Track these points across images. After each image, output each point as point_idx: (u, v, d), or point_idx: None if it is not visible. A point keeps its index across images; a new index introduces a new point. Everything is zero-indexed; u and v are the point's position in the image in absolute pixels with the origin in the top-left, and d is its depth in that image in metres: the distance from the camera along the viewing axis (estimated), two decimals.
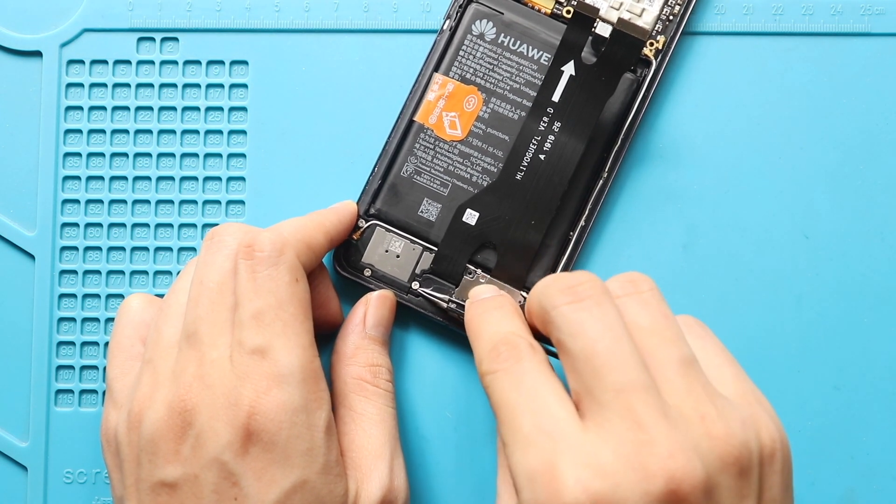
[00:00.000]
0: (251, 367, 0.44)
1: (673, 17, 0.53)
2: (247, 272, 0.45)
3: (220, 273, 0.46)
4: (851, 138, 0.54)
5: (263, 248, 0.46)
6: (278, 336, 0.44)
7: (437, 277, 0.52)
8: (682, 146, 0.54)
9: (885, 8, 0.54)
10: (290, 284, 0.45)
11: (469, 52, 0.53)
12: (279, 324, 0.45)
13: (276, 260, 0.46)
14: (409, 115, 0.53)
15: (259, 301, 0.45)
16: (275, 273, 0.45)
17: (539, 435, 0.39)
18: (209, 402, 0.44)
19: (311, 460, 0.44)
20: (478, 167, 0.52)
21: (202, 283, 0.46)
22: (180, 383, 0.44)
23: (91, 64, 0.55)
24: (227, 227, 0.47)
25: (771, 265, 0.53)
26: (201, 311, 0.45)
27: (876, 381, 0.53)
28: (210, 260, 0.46)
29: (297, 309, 0.45)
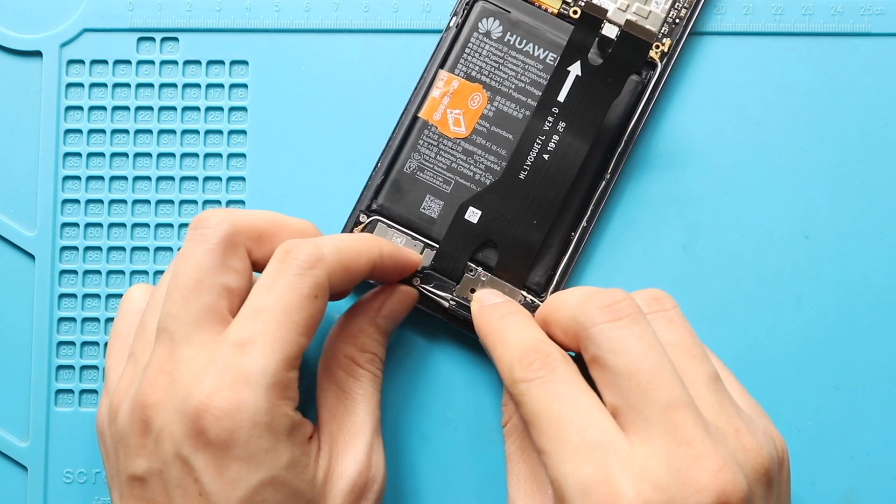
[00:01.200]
0: (224, 358, 0.43)
1: (679, 19, 0.53)
2: (272, 272, 0.44)
3: (196, 268, 0.45)
4: (851, 138, 0.54)
5: (298, 256, 0.45)
6: (266, 335, 0.43)
7: (438, 274, 0.52)
8: (681, 146, 0.54)
9: (885, 8, 0.54)
10: (307, 297, 0.44)
11: (475, 49, 0.53)
12: (274, 325, 0.43)
13: (304, 271, 0.44)
14: (413, 112, 0.53)
15: (266, 299, 0.44)
16: (297, 282, 0.44)
17: (590, 447, 0.40)
18: (172, 396, 0.43)
19: (275, 458, 0.43)
20: (481, 165, 0.52)
21: (177, 276, 0.45)
22: (145, 377, 0.44)
23: (91, 64, 0.55)
24: (209, 217, 0.46)
25: (771, 265, 0.53)
26: (173, 307, 0.44)
27: (876, 381, 0.53)
28: (188, 253, 0.45)
29: (300, 320, 0.44)
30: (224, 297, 0.45)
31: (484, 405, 0.53)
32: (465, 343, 0.53)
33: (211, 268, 0.45)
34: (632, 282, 0.53)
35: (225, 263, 0.45)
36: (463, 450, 0.53)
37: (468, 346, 0.53)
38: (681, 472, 0.39)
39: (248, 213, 0.47)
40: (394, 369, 0.53)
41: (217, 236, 0.45)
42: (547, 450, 0.41)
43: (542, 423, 0.41)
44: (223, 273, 0.45)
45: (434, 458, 0.53)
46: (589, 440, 0.40)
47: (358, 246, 0.47)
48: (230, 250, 0.45)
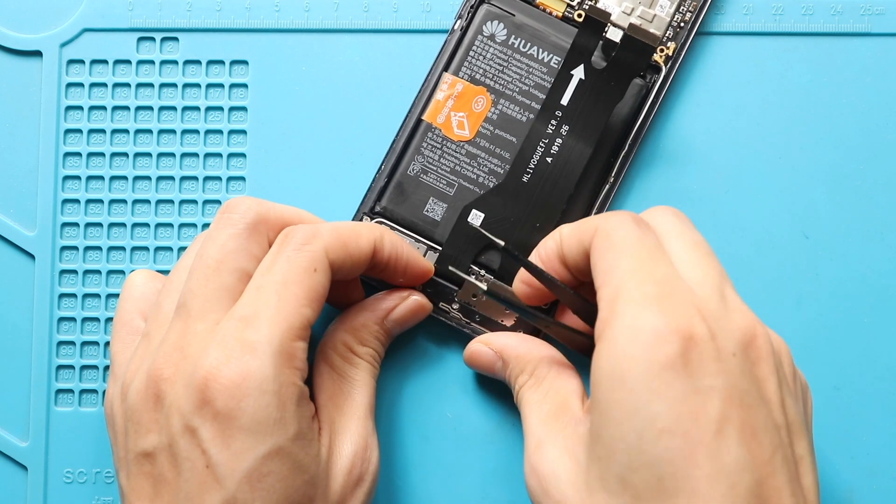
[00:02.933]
0: (230, 332, 0.44)
1: (684, 23, 0.53)
2: (272, 253, 0.46)
3: (220, 250, 0.46)
4: (851, 138, 0.54)
5: (296, 235, 0.46)
6: (269, 308, 0.44)
7: (440, 278, 0.52)
8: (681, 146, 0.54)
9: (885, 8, 0.54)
10: (304, 270, 0.45)
11: (479, 52, 0.53)
12: (274, 298, 0.44)
13: (300, 247, 0.46)
14: (417, 114, 0.53)
15: (268, 277, 0.45)
16: (294, 256, 0.45)
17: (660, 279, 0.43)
18: (182, 370, 0.44)
19: (282, 429, 0.43)
20: (484, 168, 0.52)
21: (201, 257, 0.46)
22: (160, 352, 0.45)
23: (91, 64, 0.55)
24: (238, 203, 0.47)
25: (771, 265, 0.53)
26: (193, 285, 0.45)
27: (876, 381, 0.53)
28: (214, 235, 0.46)
29: (299, 291, 0.45)
30: (242, 281, 0.46)
31: (484, 405, 0.53)
32: (462, 343, 0.53)
33: (234, 251, 0.46)
34: None
35: (247, 249, 0.46)
36: (462, 450, 0.53)
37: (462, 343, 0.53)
38: (723, 313, 0.42)
39: (276, 205, 0.48)
40: (394, 369, 0.53)
41: (243, 222, 0.46)
42: (619, 267, 0.43)
43: (626, 250, 0.44)
44: (244, 258, 0.46)
45: (434, 458, 0.53)
46: (662, 271, 0.43)
47: (359, 228, 0.48)
48: (253, 237, 0.46)
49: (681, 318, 0.41)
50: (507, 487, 0.53)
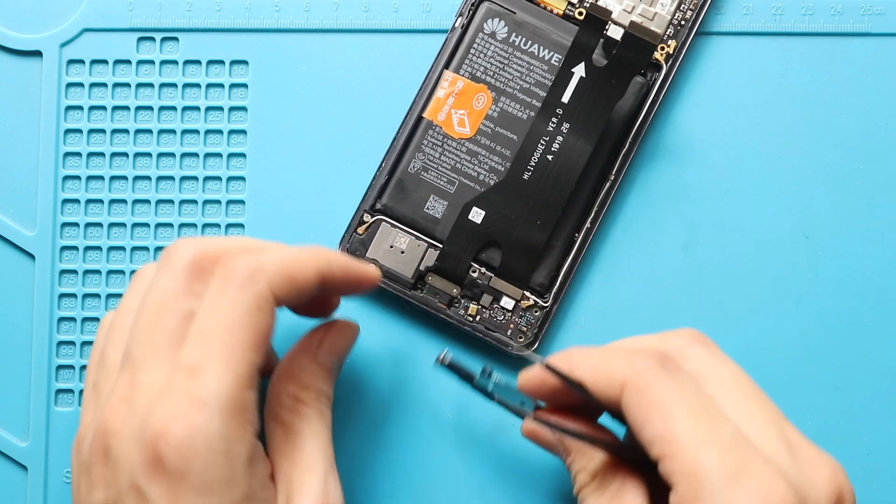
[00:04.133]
0: (177, 385, 0.42)
1: (685, 21, 0.53)
2: (213, 291, 0.43)
3: (161, 294, 0.44)
4: (851, 138, 0.54)
5: (238, 270, 0.43)
6: (214, 358, 0.42)
7: (441, 275, 0.52)
8: (681, 146, 0.54)
9: (885, 8, 0.54)
10: (249, 311, 0.43)
11: (480, 50, 0.53)
12: (219, 345, 0.42)
13: (245, 284, 0.43)
14: (417, 112, 0.53)
15: (209, 320, 0.43)
16: (238, 296, 0.43)
17: (732, 438, 0.41)
18: (130, 425, 0.42)
19: (232, 489, 0.42)
20: (485, 166, 0.52)
21: (144, 303, 0.44)
22: (108, 405, 0.43)
23: (91, 64, 0.55)
24: (178, 246, 0.45)
25: (771, 265, 0.53)
26: (137, 332, 0.43)
27: (876, 381, 0.53)
28: (155, 280, 0.44)
29: (245, 336, 0.42)
30: (187, 323, 0.44)
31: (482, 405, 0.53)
32: (463, 342, 0.53)
33: (174, 293, 0.44)
34: (632, 282, 0.53)
35: (190, 289, 0.44)
36: (462, 450, 0.53)
37: (469, 347, 0.53)
38: (802, 469, 0.41)
39: (217, 238, 0.46)
40: (393, 368, 0.53)
41: (182, 262, 0.44)
42: (682, 437, 0.40)
43: (676, 412, 0.41)
44: (187, 298, 0.44)
45: (434, 458, 0.53)
46: (728, 432, 0.41)
47: (303, 256, 0.45)
48: (195, 275, 0.44)
49: (771, 494, 0.39)
50: (508, 487, 0.52)
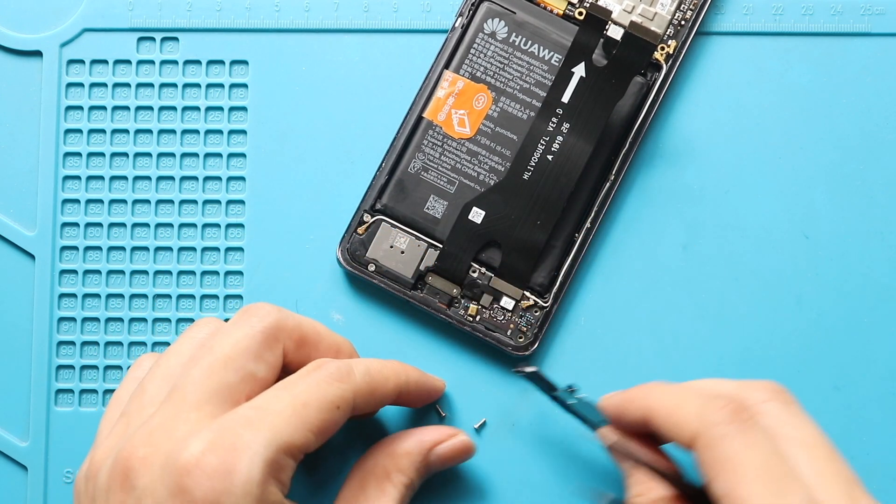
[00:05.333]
0: (227, 424, 0.41)
1: (685, 21, 0.53)
2: (300, 373, 0.44)
3: (232, 347, 0.44)
4: (851, 138, 0.54)
5: (329, 368, 0.44)
6: (278, 416, 0.42)
7: (441, 275, 0.52)
8: (681, 146, 0.54)
9: (885, 8, 0.54)
10: (328, 402, 0.44)
11: (480, 50, 0.53)
12: (288, 410, 0.42)
13: (332, 380, 0.44)
14: (418, 112, 0.53)
15: (288, 391, 0.43)
16: (323, 385, 0.44)
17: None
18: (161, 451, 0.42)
19: None
20: (485, 166, 0.52)
21: (210, 348, 0.44)
22: (139, 432, 0.43)
23: (91, 64, 0.55)
24: (259, 308, 0.46)
25: (771, 265, 0.53)
26: (196, 373, 0.44)
27: (876, 381, 0.53)
28: (230, 331, 0.45)
29: (315, 418, 0.43)
30: (247, 383, 0.44)
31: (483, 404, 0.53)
32: (466, 343, 0.53)
33: (245, 351, 0.44)
34: (632, 282, 0.53)
35: (260, 353, 0.45)
36: None
37: (469, 347, 0.53)
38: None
39: (294, 315, 0.47)
40: None
41: (261, 325, 0.45)
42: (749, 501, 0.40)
43: (746, 472, 0.40)
44: (255, 361, 0.44)
45: None
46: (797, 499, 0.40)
47: (387, 371, 0.47)
48: (268, 343, 0.45)
49: None
50: (508, 487, 0.53)
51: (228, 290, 0.54)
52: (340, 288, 0.53)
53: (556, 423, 0.53)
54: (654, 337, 0.53)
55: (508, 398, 0.53)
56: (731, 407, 0.42)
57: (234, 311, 0.54)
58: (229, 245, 0.54)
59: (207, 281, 0.54)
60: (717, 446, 0.41)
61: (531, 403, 0.53)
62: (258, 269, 0.54)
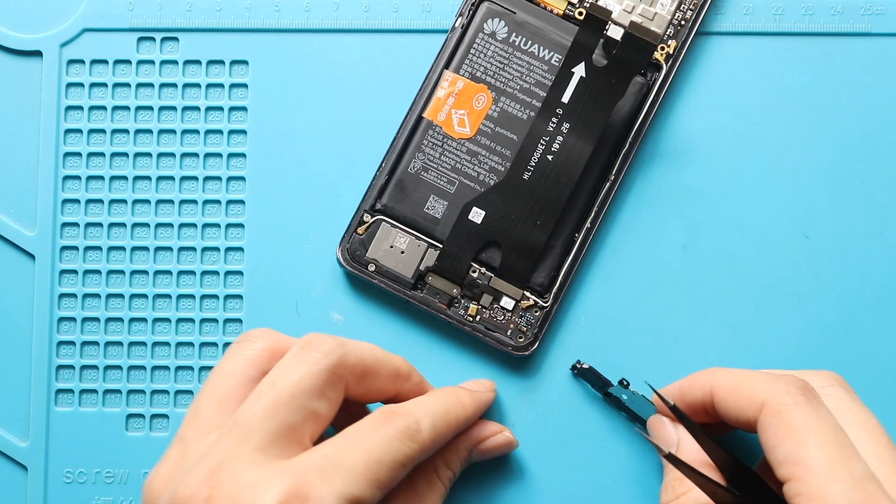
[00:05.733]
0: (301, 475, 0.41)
1: (685, 21, 0.53)
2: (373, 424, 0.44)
3: (296, 385, 0.44)
4: (851, 138, 0.54)
5: (400, 424, 0.44)
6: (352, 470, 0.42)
7: (441, 275, 0.52)
8: (681, 146, 0.54)
9: (885, 8, 0.54)
10: (398, 461, 0.43)
11: (480, 50, 0.53)
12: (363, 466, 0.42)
13: (403, 438, 0.44)
14: (418, 112, 0.53)
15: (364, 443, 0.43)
16: (396, 444, 0.44)
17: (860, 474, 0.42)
18: (228, 497, 0.41)
19: None
20: (485, 166, 0.52)
21: (273, 384, 0.44)
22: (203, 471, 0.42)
23: (91, 64, 0.55)
24: (325, 341, 0.45)
25: (771, 265, 0.53)
26: (259, 410, 0.43)
27: (876, 381, 0.53)
28: (292, 368, 0.44)
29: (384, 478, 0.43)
30: (309, 422, 0.44)
31: None
32: (466, 343, 0.53)
33: (310, 390, 0.44)
34: (632, 282, 0.53)
35: (323, 391, 0.44)
36: None
37: (469, 347, 0.53)
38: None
39: (357, 346, 0.46)
40: None
41: (325, 363, 0.45)
42: (814, 463, 0.41)
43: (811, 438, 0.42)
44: (318, 399, 0.44)
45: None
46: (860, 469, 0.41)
47: (450, 417, 0.47)
48: (332, 381, 0.45)
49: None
50: (508, 486, 0.52)
51: (228, 290, 0.54)
52: (340, 288, 0.53)
53: (557, 423, 0.53)
54: (655, 337, 0.53)
55: (508, 398, 0.53)
56: (799, 384, 0.44)
57: (235, 311, 0.54)
58: (229, 245, 0.54)
59: (207, 281, 0.54)
60: (785, 413, 0.43)
61: (531, 403, 0.53)
62: (258, 269, 0.54)
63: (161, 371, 0.54)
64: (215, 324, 0.54)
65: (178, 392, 0.53)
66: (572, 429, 0.53)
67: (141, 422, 0.53)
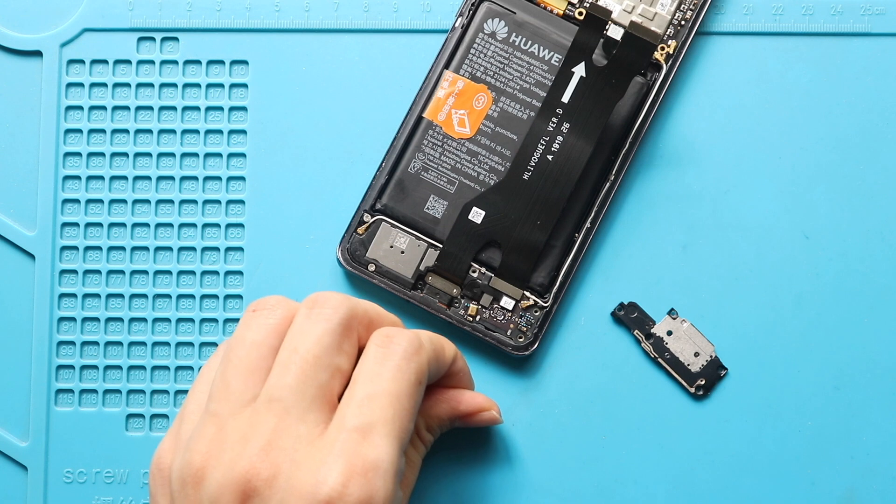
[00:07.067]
0: (348, 445, 0.42)
1: (685, 21, 0.53)
2: (377, 358, 0.44)
3: (317, 345, 0.44)
4: (851, 138, 0.54)
5: (401, 343, 0.45)
6: (386, 422, 0.43)
7: (441, 275, 0.52)
8: (681, 146, 0.54)
9: (885, 8, 0.54)
10: (413, 383, 0.44)
11: (480, 50, 0.53)
12: (391, 411, 0.43)
13: (410, 357, 0.44)
14: (417, 112, 0.53)
15: (379, 385, 0.43)
16: (405, 367, 0.44)
17: None
18: (291, 480, 0.42)
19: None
20: (485, 166, 0.52)
21: (295, 350, 0.44)
22: (253, 449, 0.42)
23: (91, 64, 0.55)
24: (328, 298, 0.45)
25: (771, 265, 0.53)
26: (291, 380, 0.43)
27: (876, 381, 0.53)
28: (308, 329, 0.45)
29: (410, 406, 0.44)
30: (336, 378, 0.44)
31: None
32: (463, 342, 0.53)
33: (330, 347, 0.44)
34: (632, 282, 0.53)
35: (341, 345, 0.45)
36: (462, 448, 0.53)
37: (469, 347, 0.53)
38: None
39: (359, 300, 0.47)
40: None
41: (337, 317, 0.45)
42: None
43: None
44: (339, 354, 0.45)
45: (433, 455, 0.53)
46: None
47: (441, 340, 0.48)
48: (347, 333, 0.45)
49: None
50: (508, 487, 0.53)
51: (228, 290, 0.54)
52: (340, 288, 0.53)
53: (557, 423, 0.53)
54: None
55: (508, 398, 0.53)
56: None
57: (234, 311, 0.54)
58: (229, 245, 0.54)
59: (207, 281, 0.54)
60: None
61: (531, 403, 0.53)
62: (258, 269, 0.54)
63: (161, 371, 0.54)
64: (215, 324, 0.54)
65: (178, 392, 0.53)
66: (572, 429, 0.53)
67: (141, 422, 0.53)
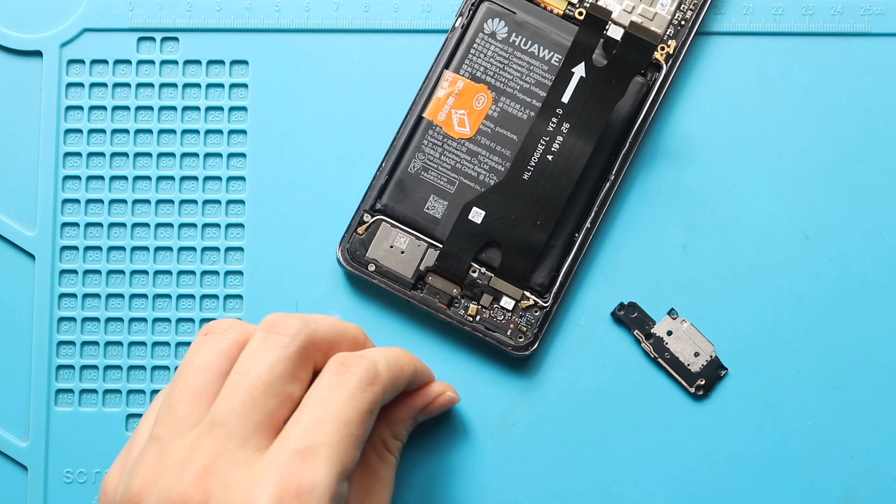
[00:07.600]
0: (285, 467, 0.41)
1: (685, 21, 0.53)
2: (330, 384, 0.44)
3: (269, 372, 0.43)
4: (851, 138, 0.54)
5: (357, 372, 0.44)
6: (330, 445, 0.42)
7: (441, 275, 0.52)
8: (681, 146, 0.54)
9: (885, 8, 0.54)
10: (365, 413, 0.43)
11: (480, 50, 0.53)
12: (336, 436, 0.42)
13: (364, 387, 0.44)
14: (417, 112, 0.53)
15: (328, 411, 0.43)
16: (358, 396, 0.43)
17: None
18: (219, 501, 0.41)
19: None
20: (485, 166, 0.52)
21: (246, 375, 0.43)
22: (188, 473, 0.42)
23: (91, 64, 0.55)
24: (286, 324, 0.45)
25: (771, 265, 0.53)
26: (236, 405, 0.42)
27: (876, 381, 0.53)
28: (262, 355, 0.44)
29: (358, 434, 0.43)
30: (286, 405, 0.43)
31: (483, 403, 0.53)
32: (463, 342, 0.53)
33: (283, 375, 0.43)
34: (632, 282, 0.53)
35: (296, 374, 0.44)
36: (463, 446, 0.53)
37: (469, 346, 0.53)
38: None
39: (320, 321, 0.46)
40: None
41: (294, 345, 0.44)
42: None
43: None
44: (292, 382, 0.44)
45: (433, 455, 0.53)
46: None
47: (401, 362, 0.47)
48: (303, 361, 0.44)
49: None
50: (508, 487, 0.53)
51: (228, 290, 0.54)
52: (340, 288, 0.53)
53: (557, 423, 0.53)
54: None
55: (508, 398, 0.53)
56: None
57: (235, 311, 0.54)
58: (229, 245, 0.54)
59: (207, 281, 0.54)
60: None
61: (531, 403, 0.53)
62: (258, 269, 0.54)
63: (161, 371, 0.54)
64: None
65: None
66: (572, 429, 0.53)
67: None
